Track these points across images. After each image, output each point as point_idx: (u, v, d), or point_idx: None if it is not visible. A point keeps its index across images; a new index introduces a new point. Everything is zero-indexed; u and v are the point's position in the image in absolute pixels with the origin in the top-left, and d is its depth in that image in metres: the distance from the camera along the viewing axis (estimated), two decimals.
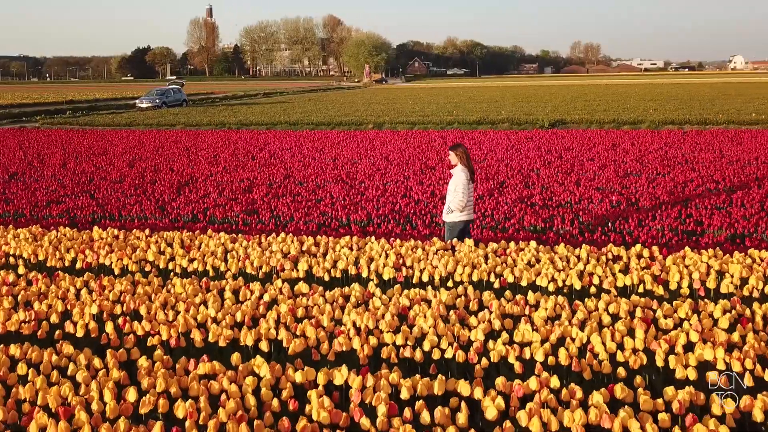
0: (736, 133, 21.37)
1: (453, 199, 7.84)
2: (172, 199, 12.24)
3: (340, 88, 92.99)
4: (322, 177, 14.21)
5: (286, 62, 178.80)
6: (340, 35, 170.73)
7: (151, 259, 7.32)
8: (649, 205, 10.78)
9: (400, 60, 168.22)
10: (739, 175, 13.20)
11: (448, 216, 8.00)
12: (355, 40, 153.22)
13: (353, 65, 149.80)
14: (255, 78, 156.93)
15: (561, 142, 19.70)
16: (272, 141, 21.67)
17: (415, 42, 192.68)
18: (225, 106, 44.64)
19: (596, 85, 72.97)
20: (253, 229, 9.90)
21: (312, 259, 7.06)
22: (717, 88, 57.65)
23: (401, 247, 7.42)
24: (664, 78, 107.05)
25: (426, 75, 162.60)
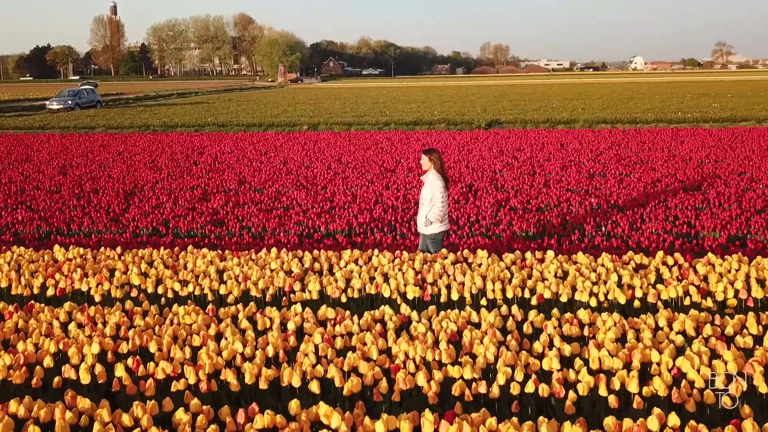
0: (674, 131, 21.84)
1: (432, 210, 7.30)
2: (123, 210, 11.21)
3: (255, 87, 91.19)
4: (280, 183, 13.42)
5: (196, 61, 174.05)
6: (252, 34, 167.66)
7: (136, 282, 6.46)
8: (630, 207, 10.61)
9: (314, 60, 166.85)
10: (699, 174, 13.29)
11: (428, 228, 7.43)
12: (269, 39, 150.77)
13: (267, 64, 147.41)
14: (164, 78, 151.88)
15: (508, 142, 19.56)
16: (209, 144, 20.58)
17: (329, 42, 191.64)
18: (142, 107, 42.70)
19: (516, 84, 74.32)
20: (230, 244, 9.08)
21: (322, 278, 6.39)
22: (629, 87, 59.69)
23: (413, 261, 6.85)
24: (574, 78, 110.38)
25: (341, 75, 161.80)
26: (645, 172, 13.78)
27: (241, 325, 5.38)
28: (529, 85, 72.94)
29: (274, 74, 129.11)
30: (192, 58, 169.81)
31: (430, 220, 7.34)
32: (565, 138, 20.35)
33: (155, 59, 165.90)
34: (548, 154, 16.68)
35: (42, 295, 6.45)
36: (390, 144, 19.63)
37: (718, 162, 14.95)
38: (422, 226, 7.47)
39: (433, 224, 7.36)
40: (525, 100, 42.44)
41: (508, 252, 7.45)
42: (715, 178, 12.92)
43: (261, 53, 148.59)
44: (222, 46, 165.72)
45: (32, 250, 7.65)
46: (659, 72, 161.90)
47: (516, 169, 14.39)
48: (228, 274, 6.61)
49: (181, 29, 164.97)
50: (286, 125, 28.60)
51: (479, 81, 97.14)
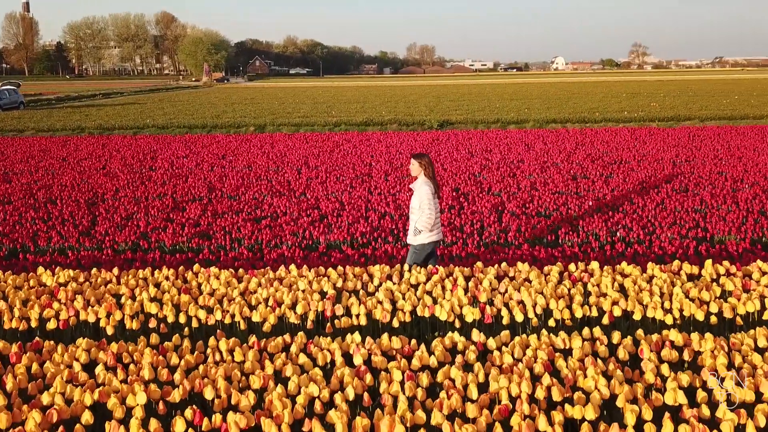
0: (631, 131, 21.99)
1: (420, 218, 6.76)
2: (91, 223, 10.21)
3: (180, 87, 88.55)
4: (254, 189, 12.60)
5: (116, 61, 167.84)
6: (175, 32, 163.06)
7: (152, 311, 5.65)
8: (628, 209, 10.36)
9: (239, 59, 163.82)
10: (679, 174, 13.23)
11: (416, 238, 6.87)
12: (193, 38, 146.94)
13: (191, 64, 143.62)
14: (82, 77, 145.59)
15: (470, 143, 19.23)
16: (158, 148, 19.42)
17: (254, 40, 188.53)
18: (70, 109, 40.50)
19: (449, 85, 74.54)
20: (228, 260, 8.28)
21: (368, 300, 5.74)
22: (561, 87, 60.74)
23: (455, 277, 6.28)
24: (503, 78, 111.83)
25: (268, 74, 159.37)
26: (625, 172, 13.63)
27: (299, 360, 4.70)
28: (463, 85, 73.34)
29: (198, 74, 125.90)
30: (111, 57, 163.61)
31: (418, 229, 6.80)
32: (527, 138, 20.16)
33: (72, 58, 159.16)
34: (518, 155, 16.39)
35: (41, 329, 5.56)
36: (351, 146, 18.98)
37: (690, 161, 14.99)
38: (410, 236, 6.92)
39: (422, 233, 6.81)
40: (465, 101, 42.44)
41: (534, 263, 6.97)
42: (698, 178, 12.85)
43: (185, 52, 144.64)
44: (143, 45, 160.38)
45: (11, 273, 6.69)
46: (580, 72, 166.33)
47: (494, 172, 14.01)
48: (255, 297, 5.87)
49: (100, 27, 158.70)
50: (231, 126, 27.54)
51: (411, 81, 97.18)
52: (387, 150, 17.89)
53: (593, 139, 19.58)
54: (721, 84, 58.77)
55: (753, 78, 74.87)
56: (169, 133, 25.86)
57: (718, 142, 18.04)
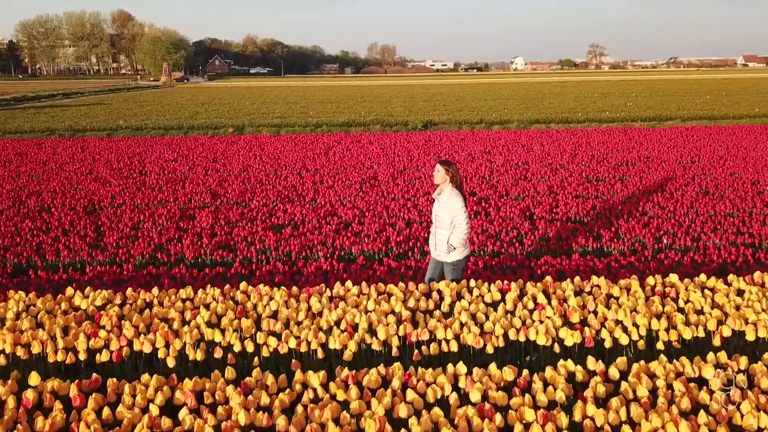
0: (622, 131, 21.85)
1: (454, 233, 6.22)
2: (98, 234, 9.47)
3: (140, 87, 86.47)
4: (261, 195, 11.95)
5: (71, 60, 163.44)
6: (132, 31, 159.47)
7: (216, 338, 5.05)
8: (661, 214, 10.03)
9: (198, 58, 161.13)
10: (694, 176, 12.99)
11: (451, 255, 6.32)
12: (151, 37, 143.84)
13: (149, 63, 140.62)
14: (36, 77, 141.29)
15: (464, 144, 18.83)
16: (143, 151, 18.55)
17: (213, 39, 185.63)
18: (33, 110, 38.91)
19: (416, 85, 74.10)
20: (264, 274, 7.66)
21: (450, 321, 5.22)
22: (530, 87, 60.80)
23: (531, 293, 5.80)
24: (469, 78, 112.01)
25: (228, 73, 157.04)
26: (638, 174, 13.34)
27: (407, 397, 4.16)
28: (431, 85, 73.01)
29: (157, 73, 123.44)
30: (66, 57, 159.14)
31: (452, 246, 6.26)
32: (522, 139, 19.84)
33: (25, 57, 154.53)
34: (519, 157, 16.02)
35: (90, 363, 4.92)
36: (344, 148, 18.40)
37: (695, 162, 14.79)
38: (442, 253, 6.37)
39: (456, 249, 6.29)
40: (440, 101, 42.07)
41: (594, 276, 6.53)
42: (714, 179, 12.62)
43: (143, 51, 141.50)
44: (99, 44, 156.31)
45: (33, 295, 5.99)
46: (540, 72, 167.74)
47: (504, 174, 13.60)
48: (324, 320, 5.30)
49: (54, 25, 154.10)
50: (208, 128, 26.67)
51: (378, 81, 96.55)
52: (383, 152, 17.36)
53: (588, 139, 19.33)
54: (687, 84, 59.56)
55: (716, 78, 76.15)
56: (144, 134, 24.94)
57: (715, 143, 17.95)
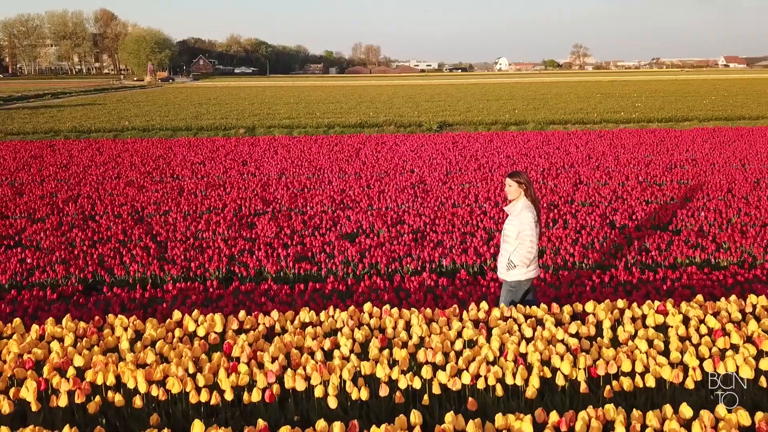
0: (650, 132, 21.45)
1: (517, 249, 5.65)
2: (158, 244, 8.83)
3: (125, 87, 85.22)
4: (315, 200, 11.34)
5: (53, 59, 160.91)
6: (115, 31, 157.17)
7: (379, 374, 4.46)
8: (737, 221, 9.57)
9: (182, 58, 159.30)
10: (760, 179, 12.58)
11: (510, 273, 5.75)
12: (135, 36, 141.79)
13: (133, 63, 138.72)
14: (17, 77, 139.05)
15: (493, 146, 18.32)
16: (165, 153, 17.83)
17: (197, 39, 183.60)
18: (27, 111, 37.86)
19: (408, 85, 73.41)
20: (366, 290, 7.06)
21: (633, 352, 4.68)
22: (527, 87, 60.45)
23: (691, 315, 5.28)
24: (461, 79, 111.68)
25: (213, 73, 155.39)
26: (694, 178, 12.88)
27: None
28: (426, 85, 72.36)
29: (141, 73, 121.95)
30: (48, 56, 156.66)
31: (513, 263, 5.66)
32: (554, 141, 19.36)
33: (6, 57, 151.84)
34: (561, 159, 15.52)
35: (235, 402, 4.32)
36: (371, 149, 17.82)
37: (748, 165, 14.38)
38: (503, 271, 5.79)
39: (517, 268, 5.68)
40: (442, 101, 41.54)
41: None
42: None
43: (127, 51, 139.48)
44: (82, 44, 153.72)
45: (135, 317, 5.37)
46: (526, 72, 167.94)
47: (557, 179, 13.09)
48: (486, 350, 4.74)
49: (36, 25, 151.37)
50: (218, 129, 25.99)
51: (367, 81, 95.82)
52: (415, 154, 16.80)
53: (620, 141, 18.89)
54: (682, 85, 59.52)
55: (706, 79, 76.33)
56: (152, 135, 24.21)
57: (749, 144, 17.58)
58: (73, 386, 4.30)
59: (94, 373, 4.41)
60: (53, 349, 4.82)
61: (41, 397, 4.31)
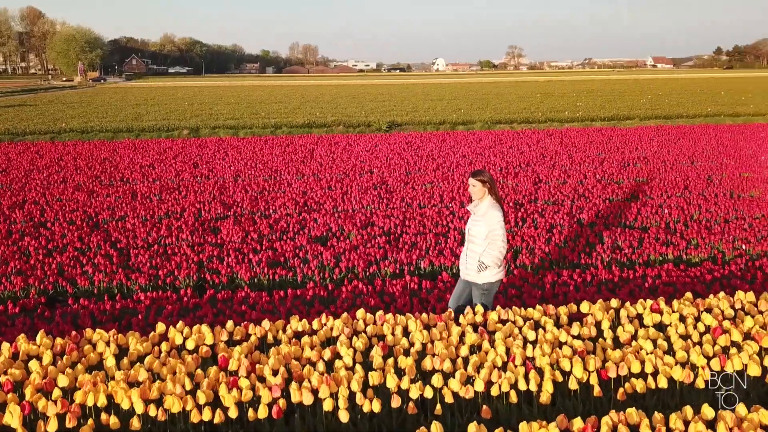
0: (596, 130, 21.84)
1: (488, 250, 5.50)
2: (122, 253, 8.42)
3: (54, 87, 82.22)
4: (276, 204, 11.05)
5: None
6: (43, 29, 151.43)
7: (387, 383, 4.28)
8: (699, 217, 9.78)
9: (114, 57, 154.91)
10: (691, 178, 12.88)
11: (482, 275, 5.58)
12: (64, 35, 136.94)
13: (62, 63, 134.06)
14: None
15: (447, 145, 18.32)
16: (110, 155, 17.16)
17: (129, 38, 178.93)
18: None
19: (356, 85, 72.85)
20: (351, 295, 6.85)
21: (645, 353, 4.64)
22: (467, 87, 60.90)
23: (683, 312, 5.29)
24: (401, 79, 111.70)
25: (146, 73, 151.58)
26: (649, 175, 13.13)
27: None
28: (369, 85, 72.03)
29: (70, 73, 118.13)
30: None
31: (484, 264, 5.51)
32: (506, 140, 19.50)
33: None
34: (516, 158, 15.62)
35: (240, 419, 4.08)
36: (325, 150, 17.57)
37: (697, 162, 14.76)
38: (473, 273, 5.62)
39: (489, 269, 5.54)
40: (384, 101, 41.40)
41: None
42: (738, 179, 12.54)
43: (56, 50, 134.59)
44: (7, 42, 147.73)
45: (139, 335, 5.05)
46: (462, 73, 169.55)
47: (515, 178, 13.15)
48: (494, 354, 4.62)
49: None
50: (160, 130, 25.27)
51: (307, 81, 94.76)
52: (371, 155, 16.65)
53: (570, 140, 19.16)
54: (620, 84, 60.92)
55: (638, 78, 78.49)
56: (92, 137, 23.30)
57: (701, 141, 18.08)
58: (61, 409, 3.98)
59: (83, 393, 4.10)
60: (32, 369, 4.47)
61: (26, 422, 3.97)
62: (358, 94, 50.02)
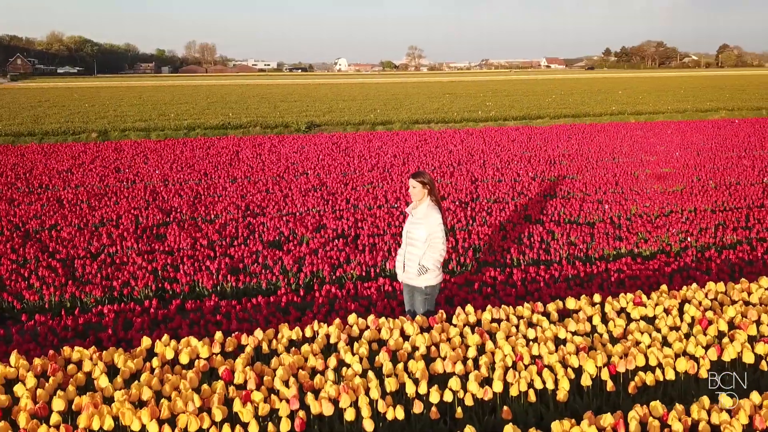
0: (515, 129, 22.40)
1: (428, 253, 5.46)
2: (64, 265, 7.91)
3: None
4: (219, 208, 10.70)
5: None
6: None
7: (407, 389, 4.19)
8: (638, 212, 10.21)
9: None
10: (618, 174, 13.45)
11: (423, 279, 5.52)
12: None
13: None
14: None
15: (373, 145, 18.33)
16: (18, 161, 16.12)
17: (13, 36, 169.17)
18: None
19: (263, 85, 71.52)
20: (346, 302, 6.68)
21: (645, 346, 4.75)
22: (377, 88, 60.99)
23: (671, 304, 5.48)
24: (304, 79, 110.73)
25: (33, 73, 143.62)
26: (578, 171, 13.58)
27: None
28: (274, 85, 70.83)
29: None
30: None
31: (425, 267, 5.46)
32: (430, 140, 19.69)
33: None
34: (444, 158, 15.80)
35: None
36: (250, 151, 17.20)
37: (617, 159, 15.40)
38: (413, 276, 5.54)
39: (429, 272, 5.50)
40: (295, 101, 40.74)
41: None
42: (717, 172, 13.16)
43: None
44: None
45: (106, 351, 4.72)
46: (365, 73, 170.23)
47: (450, 177, 13.30)
48: (502, 353, 4.62)
49: None
50: (66, 134, 23.96)
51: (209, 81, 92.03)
52: (301, 156, 16.41)
53: (492, 139, 19.57)
54: (522, 84, 62.72)
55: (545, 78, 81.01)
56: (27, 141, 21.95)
57: (615, 139, 18.88)
58: None
59: (87, 417, 3.79)
60: (19, 393, 4.10)
61: None
62: (266, 94, 49.26)
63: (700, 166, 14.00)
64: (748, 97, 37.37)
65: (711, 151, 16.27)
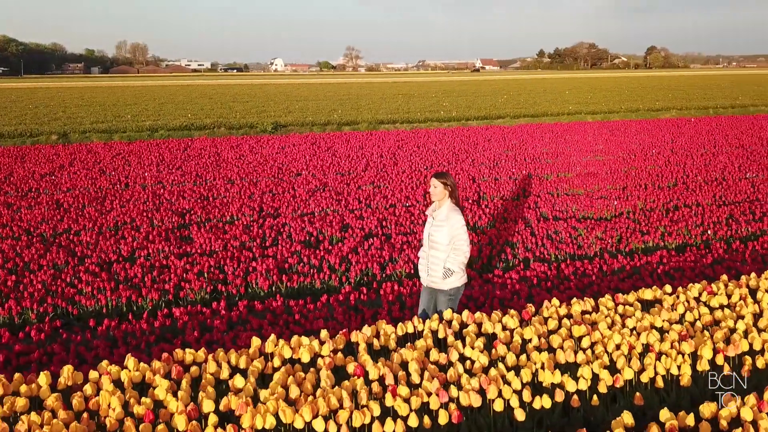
0: (484, 129, 22.78)
1: (453, 256, 5.49)
2: (103, 267, 7.71)
3: None
4: (234, 210, 10.57)
5: None
6: None
7: (458, 396, 4.30)
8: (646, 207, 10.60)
9: None
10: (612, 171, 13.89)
11: (447, 282, 5.54)
12: None
13: None
14: None
15: (352, 144, 18.37)
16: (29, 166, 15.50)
17: None
18: None
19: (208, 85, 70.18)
20: (328, 311, 6.71)
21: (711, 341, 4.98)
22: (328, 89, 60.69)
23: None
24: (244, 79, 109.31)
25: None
26: (562, 170, 13.95)
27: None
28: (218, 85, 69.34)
29: None
30: None
31: (450, 270, 5.48)
32: (410, 139, 19.83)
33: None
34: (431, 157, 15.98)
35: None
36: (230, 153, 16.98)
37: (603, 158, 15.88)
38: (437, 279, 5.57)
39: (455, 275, 5.53)
40: (248, 102, 40.19)
41: None
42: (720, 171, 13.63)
43: None
44: None
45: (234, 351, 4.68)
46: (303, 74, 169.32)
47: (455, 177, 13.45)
48: (612, 346, 4.78)
49: None
50: (24, 136, 23.10)
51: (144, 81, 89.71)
52: (288, 157, 16.31)
53: (468, 138, 19.88)
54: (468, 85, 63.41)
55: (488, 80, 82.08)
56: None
57: (587, 137, 19.44)
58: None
59: (251, 416, 3.77)
60: (160, 396, 4.03)
61: None
62: (213, 95, 48.51)
63: (682, 163, 14.58)
64: (690, 97, 38.99)
65: (683, 149, 16.94)
